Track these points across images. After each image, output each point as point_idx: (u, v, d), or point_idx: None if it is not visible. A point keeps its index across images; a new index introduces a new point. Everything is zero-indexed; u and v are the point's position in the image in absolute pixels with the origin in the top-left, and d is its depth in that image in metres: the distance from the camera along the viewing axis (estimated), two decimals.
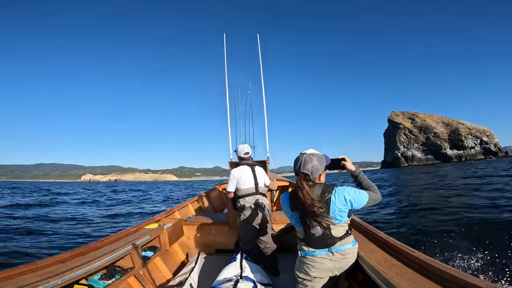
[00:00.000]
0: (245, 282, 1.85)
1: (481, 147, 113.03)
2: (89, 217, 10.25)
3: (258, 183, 2.89)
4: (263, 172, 3.04)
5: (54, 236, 6.94)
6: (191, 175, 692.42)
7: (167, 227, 3.00)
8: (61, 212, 11.62)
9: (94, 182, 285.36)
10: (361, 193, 1.50)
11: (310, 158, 1.48)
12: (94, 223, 9.04)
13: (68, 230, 7.69)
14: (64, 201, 16.71)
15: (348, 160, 1.65)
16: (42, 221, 9.16)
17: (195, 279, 2.42)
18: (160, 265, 2.84)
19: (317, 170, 1.48)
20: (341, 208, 1.48)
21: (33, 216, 10.11)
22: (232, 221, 3.52)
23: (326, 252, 1.52)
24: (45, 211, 11.90)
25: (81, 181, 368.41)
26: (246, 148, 3.03)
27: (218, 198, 5.57)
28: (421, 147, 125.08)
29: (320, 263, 1.53)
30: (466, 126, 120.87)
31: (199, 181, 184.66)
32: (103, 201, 17.15)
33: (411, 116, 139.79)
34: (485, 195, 9.43)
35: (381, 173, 55.36)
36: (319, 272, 1.54)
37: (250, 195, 2.84)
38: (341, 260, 1.54)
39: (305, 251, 1.57)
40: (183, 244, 3.52)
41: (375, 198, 1.53)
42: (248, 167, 2.92)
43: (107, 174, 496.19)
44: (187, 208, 4.37)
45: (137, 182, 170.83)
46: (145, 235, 2.60)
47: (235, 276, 1.97)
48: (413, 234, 5.60)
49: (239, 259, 2.25)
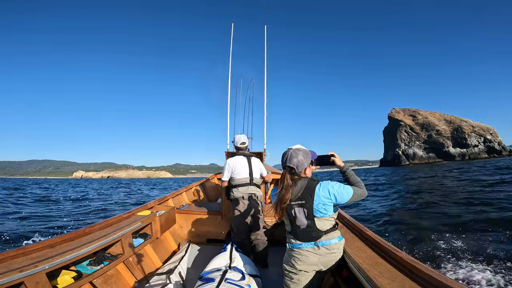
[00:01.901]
0: (233, 272, 1.89)
1: (485, 145, 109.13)
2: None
3: (253, 174, 2.88)
4: (260, 163, 3.01)
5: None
6: (186, 172, 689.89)
7: (159, 215, 2.98)
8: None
9: (86, 179, 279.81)
10: (345, 188, 1.56)
11: (296, 153, 1.57)
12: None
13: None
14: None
15: (337, 156, 1.69)
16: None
17: (184, 267, 2.46)
18: (150, 253, 2.82)
19: (302, 165, 1.56)
20: (325, 202, 1.53)
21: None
22: (225, 211, 3.54)
23: (312, 245, 1.57)
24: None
25: (72, 177, 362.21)
26: (243, 138, 3.01)
27: (213, 188, 5.45)
28: (422, 145, 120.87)
29: (306, 256, 1.57)
30: (470, 124, 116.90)
31: (193, 178, 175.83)
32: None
33: (412, 113, 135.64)
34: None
35: (379, 172, 50.30)
36: (305, 265, 1.57)
37: (244, 185, 2.83)
38: (327, 254, 1.58)
39: (293, 243, 1.62)
40: (174, 233, 3.49)
41: (360, 194, 1.58)
42: (244, 157, 2.91)
43: (100, 171, 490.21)
44: (181, 197, 4.35)
45: (129, 179, 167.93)
46: (137, 222, 2.60)
47: (224, 266, 2.02)
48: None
49: (229, 249, 2.29)
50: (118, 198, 16.41)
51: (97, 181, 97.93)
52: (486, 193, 9.66)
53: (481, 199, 8.41)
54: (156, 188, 28.73)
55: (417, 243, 4.81)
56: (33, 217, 8.45)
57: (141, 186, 35.15)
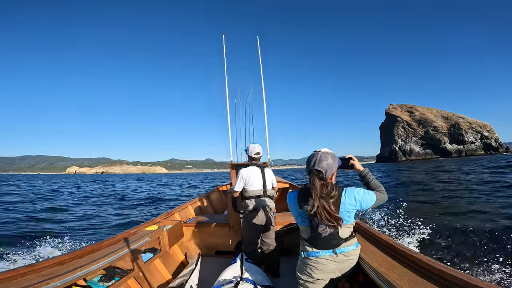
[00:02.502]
0: (245, 284, 1.84)
1: (482, 142, 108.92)
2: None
3: (266, 185, 2.85)
4: (272, 174, 2.99)
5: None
6: (182, 168, 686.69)
7: (167, 229, 2.98)
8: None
9: (80, 174, 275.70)
10: (369, 193, 1.51)
11: (325, 156, 1.47)
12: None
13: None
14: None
15: (356, 159, 1.65)
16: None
17: (195, 280, 2.44)
18: (160, 267, 2.82)
19: (331, 169, 1.47)
20: (350, 209, 1.48)
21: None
22: (232, 223, 3.51)
23: (330, 253, 1.51)
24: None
25: (65, 173, 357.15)
26: (258, 148, 2.93)
27: (218, 200, 5.48)
28: (419, 141, 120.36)
29: (323, 264, 1.51)
30: (467, 120, 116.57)
31: (188, 173, 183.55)
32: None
33: (409, 109, 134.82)
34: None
35: (376, 169, 48.90)
36: (322, 273, 1.52)
37: (257, 197, 2.80)
38: (345, 261, 1.53)
39: (309, 252, 1.55)
40: (183, 246, 3.49)
41: (382, 199, 1.55)
42: (258, 168, 2.86)
43: (94, 167, 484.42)
44: (187, 210, 4.31)
45: (122, 175, 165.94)
46: (145, 237, 2.60)
47: (235, 278, 1.98)
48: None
49: (239, 260, 2.26)
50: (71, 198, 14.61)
51: (89, 176, 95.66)
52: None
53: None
54: (137, 182, 27.74)
55: (433, 244, 4.51)
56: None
57: (125, 181, 33.26)
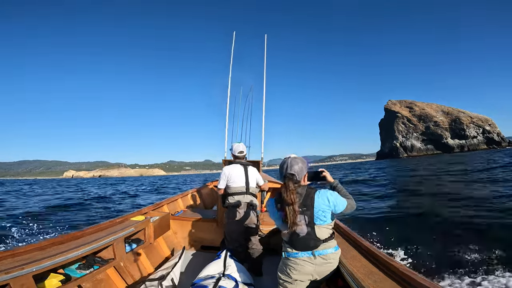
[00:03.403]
0: (227, 280, 1.86)
1: (484, 136, 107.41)
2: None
3: (249, 183, 2.87)
4: (256, 173, 3.00)
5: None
6: (180, 169, 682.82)
7: (153, 220, 2.97)
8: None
9: (77, 178, 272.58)
10: (341, 198, 1.64)
11: (295, 161, 1.63)
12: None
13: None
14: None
15: (327, 172, 1.77)
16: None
17: (177, 274, 2.42)
18: (143, 258, 2.79)
19: (301, 171, 1.62)
20: (324, 209, 1.58)
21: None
22: (220, 219, 3.51)
23: (308, 255, 1.58)
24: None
25: (63, 177, 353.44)
26: (241, 147, 2.99)
27: (208, 195, 5.44)
28: (420, 137, 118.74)
29: (301, 265, 1.58)
30: (468, 115, 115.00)
31: (187, 175, 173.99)
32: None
33: (409, 104, 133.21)
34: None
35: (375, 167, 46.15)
36: (300, 274, 1.59)
37: (239, 194, 2.84)
38: (323, 264, 1.59)
39: (289, 252, 1.63)
40: (168, 239, 3.45)
41: (352, 205, 1.66)
42: (241, 166, 2.90)
43: (92, 170, 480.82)
44: (176, 203, 4.31)
45: (120, 178, 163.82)
46: (130, 227, 2.59)
47: (218, 274, 1.98)
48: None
49: (223, 257, 2.24)
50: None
51: (86, 180, 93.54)
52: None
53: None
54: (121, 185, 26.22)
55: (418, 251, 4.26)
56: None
57: (115, 185, 31.22)
